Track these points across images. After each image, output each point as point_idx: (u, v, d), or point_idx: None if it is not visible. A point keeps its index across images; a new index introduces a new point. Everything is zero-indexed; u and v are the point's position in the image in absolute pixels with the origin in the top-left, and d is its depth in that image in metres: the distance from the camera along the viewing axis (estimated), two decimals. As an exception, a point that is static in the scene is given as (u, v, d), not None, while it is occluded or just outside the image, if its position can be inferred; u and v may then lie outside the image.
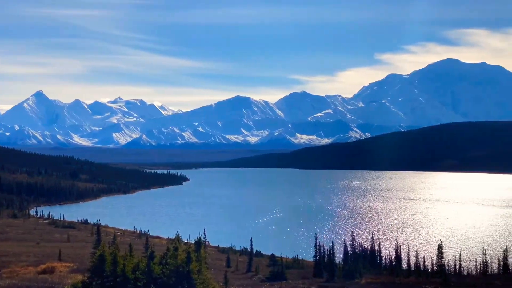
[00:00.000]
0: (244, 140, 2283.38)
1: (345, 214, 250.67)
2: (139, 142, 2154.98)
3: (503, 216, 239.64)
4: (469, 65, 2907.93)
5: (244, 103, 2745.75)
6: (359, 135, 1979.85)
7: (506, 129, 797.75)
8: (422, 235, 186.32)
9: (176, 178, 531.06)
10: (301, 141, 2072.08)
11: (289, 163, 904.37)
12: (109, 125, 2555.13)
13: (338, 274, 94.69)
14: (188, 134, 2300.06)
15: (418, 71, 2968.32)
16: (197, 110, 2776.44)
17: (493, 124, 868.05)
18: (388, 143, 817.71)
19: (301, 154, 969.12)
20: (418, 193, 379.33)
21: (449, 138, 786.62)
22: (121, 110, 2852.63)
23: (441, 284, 77.82)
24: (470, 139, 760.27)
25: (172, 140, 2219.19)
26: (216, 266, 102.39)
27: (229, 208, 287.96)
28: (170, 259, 51.73)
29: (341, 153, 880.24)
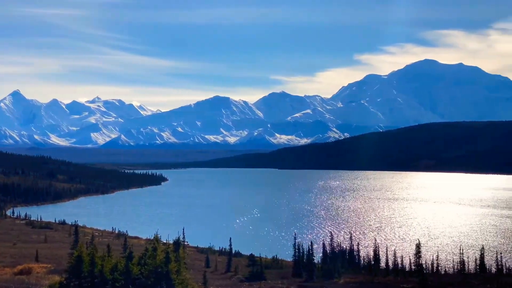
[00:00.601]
0: (223, 140, 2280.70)
1: (324, 214, 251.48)
2: (118, 142, 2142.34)
3: (479, 215, 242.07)
4: (447, 66, 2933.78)
5: (223, 103, 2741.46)
6: (338, 135, 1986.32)
7: (482, 129, 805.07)
8: (400, 234, 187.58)
9: (155, 178, 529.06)
10: (280, 141, 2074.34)
11: (268, 163, 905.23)
12: (87, 125, 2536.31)
13: (317, 273, 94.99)
14: (167, 134, 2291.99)
15: (396, 72, 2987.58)
16: (176, 110, 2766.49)
17: (469, 125, 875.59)
18: (367, 143, 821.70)
19: (280, 154, 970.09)
20: (395, 193, 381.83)
21: (426, 139, 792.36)
22: (99, 110, 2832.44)
23: (418, 283, 78.40)
24: (447, 140, 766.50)
25: (151, 140, 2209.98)
26: (195, 266, 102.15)
27: (208, 208, 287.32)
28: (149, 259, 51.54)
29: (320, 153, 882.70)
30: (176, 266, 51.64)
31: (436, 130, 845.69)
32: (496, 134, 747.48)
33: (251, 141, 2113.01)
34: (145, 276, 51.10)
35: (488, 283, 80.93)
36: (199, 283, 72.60)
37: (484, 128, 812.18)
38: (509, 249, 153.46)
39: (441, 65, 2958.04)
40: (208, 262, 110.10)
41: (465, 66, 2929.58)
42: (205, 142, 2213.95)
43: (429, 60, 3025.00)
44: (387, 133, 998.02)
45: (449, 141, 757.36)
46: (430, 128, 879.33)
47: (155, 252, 51.61)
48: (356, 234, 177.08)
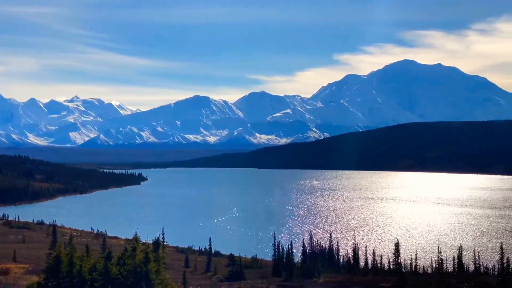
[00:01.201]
0: (203, 139, 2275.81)
1: (304, 214, 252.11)
2: (97, 142, 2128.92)
3: (457, 215, 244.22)
4: (425, 66, 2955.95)
5: (203, 103, 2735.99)
6: (317, 135, 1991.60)
7: (460, 129, 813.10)
8: (379, 234, 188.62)
9: (135, 178, 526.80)
10: (260, 141, 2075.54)
11: (248, 163, 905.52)
12: (66, 124, 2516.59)
13: (297, 273, 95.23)
14: (146, 134, 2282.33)
15: (375, 72, 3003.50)
16: (156, 110, 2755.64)
17: (448, 125, 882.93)
18: (347, 143, 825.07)
19: (260, 154, 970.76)
20: (375, 192, 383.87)
21: (406, 139, 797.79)
22: (78, 109, 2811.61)
23: (397, 282, 78.85)
24: (426, 140, 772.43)
25: (130, 139, 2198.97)
26: (174, 266, 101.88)
27: (188, 208, 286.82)
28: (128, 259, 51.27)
29: (300, 153, 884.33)
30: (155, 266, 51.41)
31: (415, 130, 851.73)
32: (474, 134, 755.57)
33: (231, 140, 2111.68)
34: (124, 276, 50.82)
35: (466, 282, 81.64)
36: (179, 283, 72.41)
37: (462, 128, 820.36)
38: (486, 248, 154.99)
39: (420, 65, 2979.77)
40: (187, 262, 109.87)
41: (443, 67, 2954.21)
42: (185, 141, 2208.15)
43: (408, 60, 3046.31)
44: (366, 133, 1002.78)
45: (428, 141, 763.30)
46: (409, 128, 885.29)
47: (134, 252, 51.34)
48: (336, 234, 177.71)
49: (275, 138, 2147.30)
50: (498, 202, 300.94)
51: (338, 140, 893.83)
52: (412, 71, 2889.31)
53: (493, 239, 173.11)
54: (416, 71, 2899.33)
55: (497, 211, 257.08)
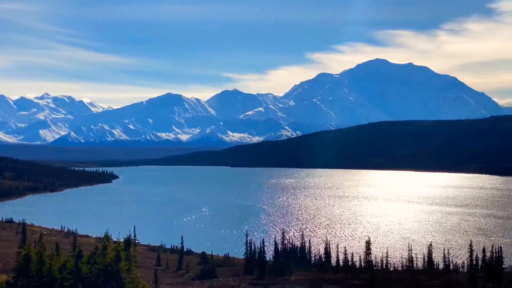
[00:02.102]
0: (175, 137, 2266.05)
1: (276, 212, 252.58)
2: (67, 139, 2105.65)
3: (427, 212, 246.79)
4: (397, 66, 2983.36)
5: (175, 101, 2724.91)
6: (290, 133, 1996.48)
7: (431, 128, 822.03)
8: (350, 231, 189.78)
9: (106, 176, 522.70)
10: (233, 139, 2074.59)
11: (221, 161, 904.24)
12: (36, 122, 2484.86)
13: (269, 271, 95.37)
14: (118, 132, 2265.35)
15: (348, 71, 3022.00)
16: (128, 107, 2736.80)
17: (418, 124, 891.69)
18: (319, 141, 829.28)
19: (232, 152, 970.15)
20: (346, 190, 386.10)
21: (377, 137, 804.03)
22: (48, 106, 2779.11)
23: (368, 280, 79.41)
24: (397, 138, 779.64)
25: (101, 137, 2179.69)
26: (146, 265, 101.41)
27: (160, 206, 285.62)
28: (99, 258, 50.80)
29: (273, 151, 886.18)
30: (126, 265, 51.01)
31: (386, 129, 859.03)
32: (444, 133, 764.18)
33: (203, 138, 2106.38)
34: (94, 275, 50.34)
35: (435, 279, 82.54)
36: (150, 281, 72.05)
37: (432, 127, 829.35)
38: (456, 245, 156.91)
39: (391, 64, 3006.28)
40: (159, 260, 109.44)
41: (414, 66, 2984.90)
42: (157, 139, 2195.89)
43: (379, 59, 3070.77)
44: (338, 131, 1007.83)
45: (399, 140, 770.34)
46: (380, 127, 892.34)
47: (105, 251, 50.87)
48: (307, 232, 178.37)
49: (248, 137, 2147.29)
50: (467, 200, 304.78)
51: (310, 139, 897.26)
52: (383, 70, 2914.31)
53: (463, 236, 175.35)
54: (387, 70, 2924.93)
55: (466, 209, 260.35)
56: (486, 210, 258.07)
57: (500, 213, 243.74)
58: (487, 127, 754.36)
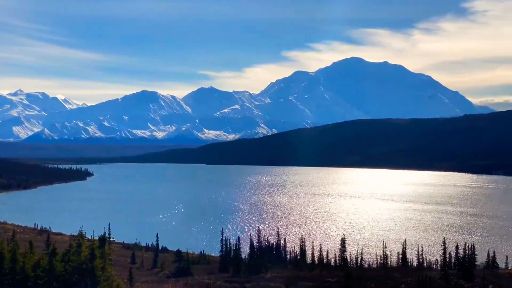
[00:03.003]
0: (151, 135, 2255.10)
1: (251, 210, 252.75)
2: (41, 136, 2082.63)
3: (401, 210, 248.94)
4: (372, 64, 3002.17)
5: (151, 98, 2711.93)
6: (266, 131, 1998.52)
7: (406, 126, 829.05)
8: (325, 229, 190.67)
9: (80, 173, 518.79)
10: (209, 136, 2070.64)
11: (197, 159, 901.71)
12: (9, 118, 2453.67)
13: (244, 268, 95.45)
14: (93, 129, 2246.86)
15: (324, 69, 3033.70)
16: (103, 104, 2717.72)
17: (394, 122, 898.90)
18: (295, 139, 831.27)
19: (208, 150, 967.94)
20: (321, 188, 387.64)
21: (352, 135, 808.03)
22: (21, 103, 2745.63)
23: (343, 277, 79.87)
24: (373, 136, 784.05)
25: (76, 134, 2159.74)
26: (120, 263, 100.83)
27: (134, 204, 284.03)
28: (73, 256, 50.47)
29: (248, 149, 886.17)
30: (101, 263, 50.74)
31: (362, 127, 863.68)
32: (419, 131, 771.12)
33: (179, 136, 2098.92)
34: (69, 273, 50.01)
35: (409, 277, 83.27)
36: (125, 279, 71.69)
37: (407, 125, 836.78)
38: (429, 243, 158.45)
39: (367, 63, 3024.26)
40: (134, 258, 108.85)
41: (390, 65, 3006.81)
42: (132, 137, 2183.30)
43: (355, 58, 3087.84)
44: (314, 129, 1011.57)
45: (374, 138, 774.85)
46: (356, 125, 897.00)
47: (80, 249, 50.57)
48: (283, 229, 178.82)
49: (224, 134, 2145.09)
50: (441, 198, 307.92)
51: (286, 137, 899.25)
52: (359, 69, 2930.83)
53: (436, 234, 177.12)
54: (363, 68, 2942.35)
55: (439, 207, 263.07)
56: (459, 208, 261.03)
57: (473, 211, 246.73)
58: (460, 125, 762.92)
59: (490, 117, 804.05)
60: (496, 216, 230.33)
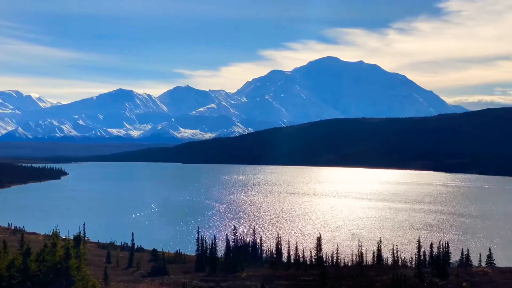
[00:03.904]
0: (126, 133, 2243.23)
1: (227, 209, 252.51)
2: (15, 135, 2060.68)
3: (376, 209, 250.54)
4: (348, 64, 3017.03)
5: (126, 96, 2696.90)
6: (242, 130, 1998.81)
7: (380, 126, 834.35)
8: (301, 228, 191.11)
9: (55, 172, 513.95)
10: (185, 135, 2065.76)
11: (173, 158, 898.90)
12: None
13: (220, 267, 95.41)
14: (67, 127, 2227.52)
15: (299, 68, 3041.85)
16: (78, 103, 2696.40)
17: (369, 121, 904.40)
18: (271, 138, 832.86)
19: (184, 149, 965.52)
20: (297, 187, 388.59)
21: (328, 134, 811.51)
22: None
23: (319, 276, 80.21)
24: (348, 135, 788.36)
25: (50, 133, 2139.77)
26: (95, 262, 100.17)
27: (109, 203, 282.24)
28: (48, 255, 50.01)
29: (225, 147, 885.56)
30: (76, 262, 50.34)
31: (338, 126, 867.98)
32: (394, 130, 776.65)
33: (155, 135, 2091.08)
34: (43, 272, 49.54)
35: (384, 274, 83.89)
36: (100, 279, 71.23)
37: (382, 125, 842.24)
38: (404, 241, 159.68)
39: (342, 62, 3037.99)
40: (109, 257, 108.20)
41: (365, 64, 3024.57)
42: (107, 135, 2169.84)
43: (331, 57, 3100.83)
44: (290, 128, 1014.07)
45: (350, 137, 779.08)
46: (331, 124, 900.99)
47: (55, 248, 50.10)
48: (259, 228, 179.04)
49: (200, 133, 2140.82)
50: (415, 197, 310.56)
51: (262, 136, 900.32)
52: (335, 68, 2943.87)
53: (411, 232, 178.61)
54: (339, 68, 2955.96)
55: (414, 205, 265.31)
56: (434, 206, 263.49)
57: (447, 209, 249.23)
58: (434, 125, 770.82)
59: (464, 117, 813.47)
60: (470, 214, 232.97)
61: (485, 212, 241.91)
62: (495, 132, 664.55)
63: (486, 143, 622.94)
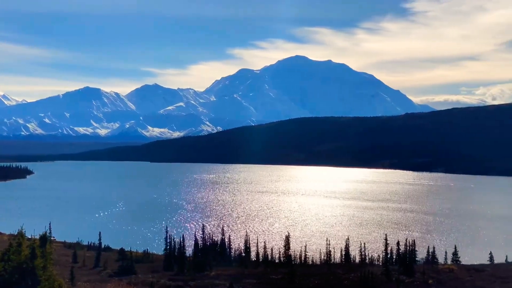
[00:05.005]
0: (93, 132, 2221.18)
1: (196, 208, 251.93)
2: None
3: (344, 207, 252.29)
4: (317, 63, 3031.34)
5: (94, 95, 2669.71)
6: (211, 128, 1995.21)
7: (349, 124, 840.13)
8: (270, 227, 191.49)
9: (20, 171, 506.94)
10: (153, 134, 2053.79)
11: (140, 156, 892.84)
12: None
13: (188, 266, 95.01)
14: (33, 126, 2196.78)
15: (268, 67, 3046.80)
16: (44, 101, 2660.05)
17: (337, 120, 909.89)
18: (239, 137, 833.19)
19: (152, 147, 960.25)
20: (265, 185, 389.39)
21: (297, 133, 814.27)
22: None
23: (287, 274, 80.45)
24: (317, 134, 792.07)
25: (15, 131, 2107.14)
26: (62, 262, 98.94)
27: (76, 202, 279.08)
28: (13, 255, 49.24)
29: (193, 146, 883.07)
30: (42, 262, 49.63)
31: (306, 125, 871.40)
32: (362, 129, 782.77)
33: (122, 133, 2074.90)
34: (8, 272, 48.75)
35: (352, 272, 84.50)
36: (66, 279, 70.40)
37: (351, 123, 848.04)
38: (371, 239, 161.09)
39: (311, 61, 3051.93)
40: (75, 257, 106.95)
41: (333, 63, 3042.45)
42: (74, 134, 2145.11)
43: (300, 56, 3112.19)
44: (259, 127, 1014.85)
45: (319, 136, 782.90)
46: (300, 123, 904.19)
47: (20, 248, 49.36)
48: (227, 227, 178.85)
49: (168, 132, 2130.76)
50: (383, 195, 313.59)
51: (231, 134, 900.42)
52: (303, 67, 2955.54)
53: (378, 230, 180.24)
54: (307, 67, 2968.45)
55: (381, 204, 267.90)
56: (401, 204, 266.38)
57: (413, 208, 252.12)
58: (401, 124, 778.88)
59: (430, 116, 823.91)
60: (436, 212, 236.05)
61: (450, 210, 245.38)
62: (460, 131, 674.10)
63: (452, 142, 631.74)
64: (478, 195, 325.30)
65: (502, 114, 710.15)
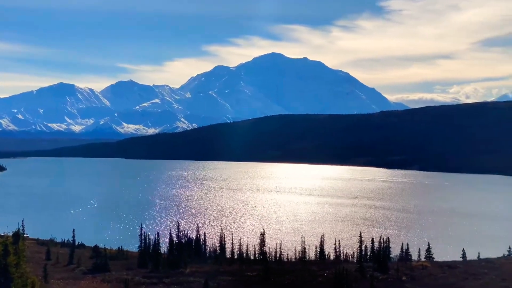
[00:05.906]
0: (67, 128, 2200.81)
1: (171, 205, 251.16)
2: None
3: (319, 204, 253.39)
4: (292, 60, 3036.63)
5: (68, 91, 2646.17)
6: (186, 125, 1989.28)
7: (324, 122, 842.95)
8: (244, 224, 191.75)
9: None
10: (128, 130, 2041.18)
11: (115, 153, 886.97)
12: None
13: (163, 264, 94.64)
14: (5, 122, 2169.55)
15: (244, 64, 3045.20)
16: (16, 96, 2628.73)
17: (313, 117, 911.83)
18: (215, 134, 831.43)
19: (127, 144, 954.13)
20: (240, 183, 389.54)
21: (272, 130, 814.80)
22: None
23: (262, 271, 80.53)
24: (292, 131, 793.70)
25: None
26: (35, 259, 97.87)
27: (49, 199, 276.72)
28: (-15, 253, 48.66)
29: (169, 143, 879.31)
30: (15, 259, 49.14)
31: (282, 122, 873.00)
32: (337, 127, 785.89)
33: (97, 130, 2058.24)
34: (-20, 270, 48.18)
35: (327, 269, 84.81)
36: (40, 276, 69.69)
37: (326, 121, 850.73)
38: (346, 236, 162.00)
39: (287, 59, 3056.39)
40: (49, 254, 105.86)
41: (309, 61, 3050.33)
42: (48, 130, 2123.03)
43: (275, 53, 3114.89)
44: (234, 124, 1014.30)
45: (294, 133, 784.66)
46: (276, 120, 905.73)
47: (-8, 245, 48.78)
48: (202, 224, 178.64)
49: (143, 128, 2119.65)
50: (357, 192, 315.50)
51: (206, 131, 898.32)
52: (279, 64, 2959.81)
53: (353, 227, 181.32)
54: (283, 64, 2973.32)
55: (356, 201, 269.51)
56: (375, 202, 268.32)
57: (388, 205, 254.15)
58: (376, 121, 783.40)
59: (405, 114, 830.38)
60: (410, 210, 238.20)
61: (424, 207, 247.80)
62: (434, 129, 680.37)
63: (426, 139, 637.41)
64: (452, 192, 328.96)
65: (475, 113, 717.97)
